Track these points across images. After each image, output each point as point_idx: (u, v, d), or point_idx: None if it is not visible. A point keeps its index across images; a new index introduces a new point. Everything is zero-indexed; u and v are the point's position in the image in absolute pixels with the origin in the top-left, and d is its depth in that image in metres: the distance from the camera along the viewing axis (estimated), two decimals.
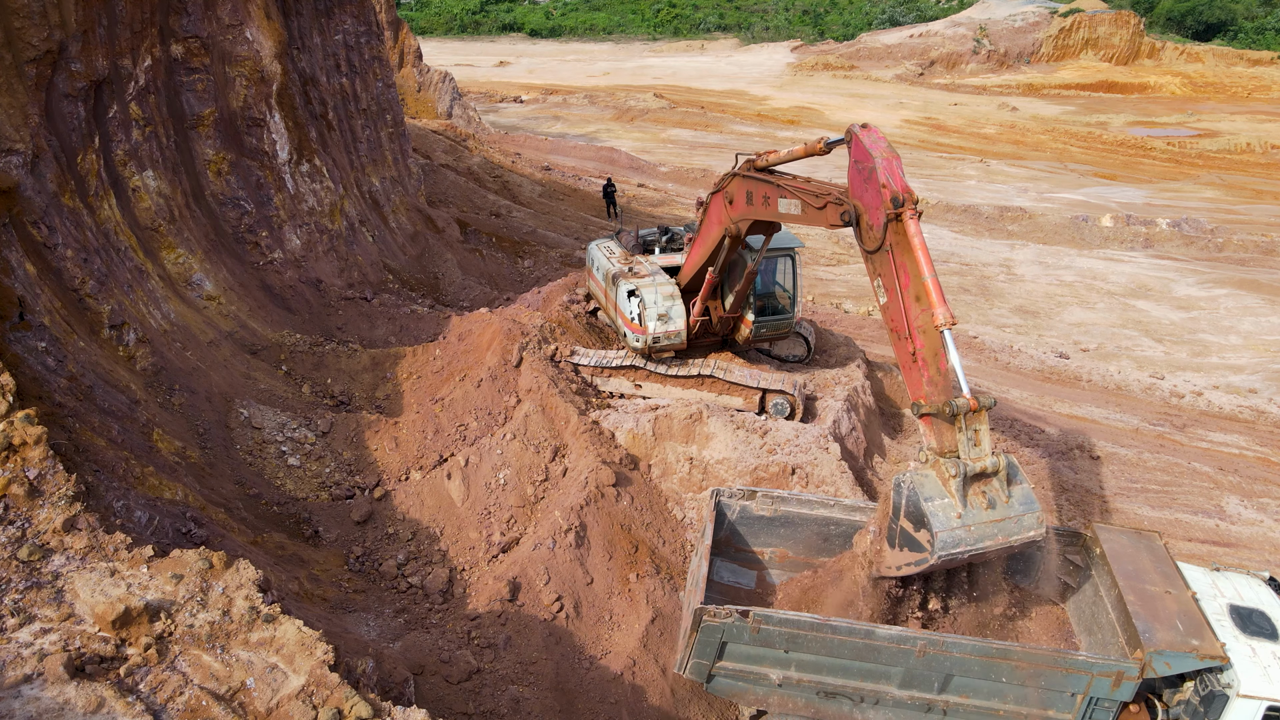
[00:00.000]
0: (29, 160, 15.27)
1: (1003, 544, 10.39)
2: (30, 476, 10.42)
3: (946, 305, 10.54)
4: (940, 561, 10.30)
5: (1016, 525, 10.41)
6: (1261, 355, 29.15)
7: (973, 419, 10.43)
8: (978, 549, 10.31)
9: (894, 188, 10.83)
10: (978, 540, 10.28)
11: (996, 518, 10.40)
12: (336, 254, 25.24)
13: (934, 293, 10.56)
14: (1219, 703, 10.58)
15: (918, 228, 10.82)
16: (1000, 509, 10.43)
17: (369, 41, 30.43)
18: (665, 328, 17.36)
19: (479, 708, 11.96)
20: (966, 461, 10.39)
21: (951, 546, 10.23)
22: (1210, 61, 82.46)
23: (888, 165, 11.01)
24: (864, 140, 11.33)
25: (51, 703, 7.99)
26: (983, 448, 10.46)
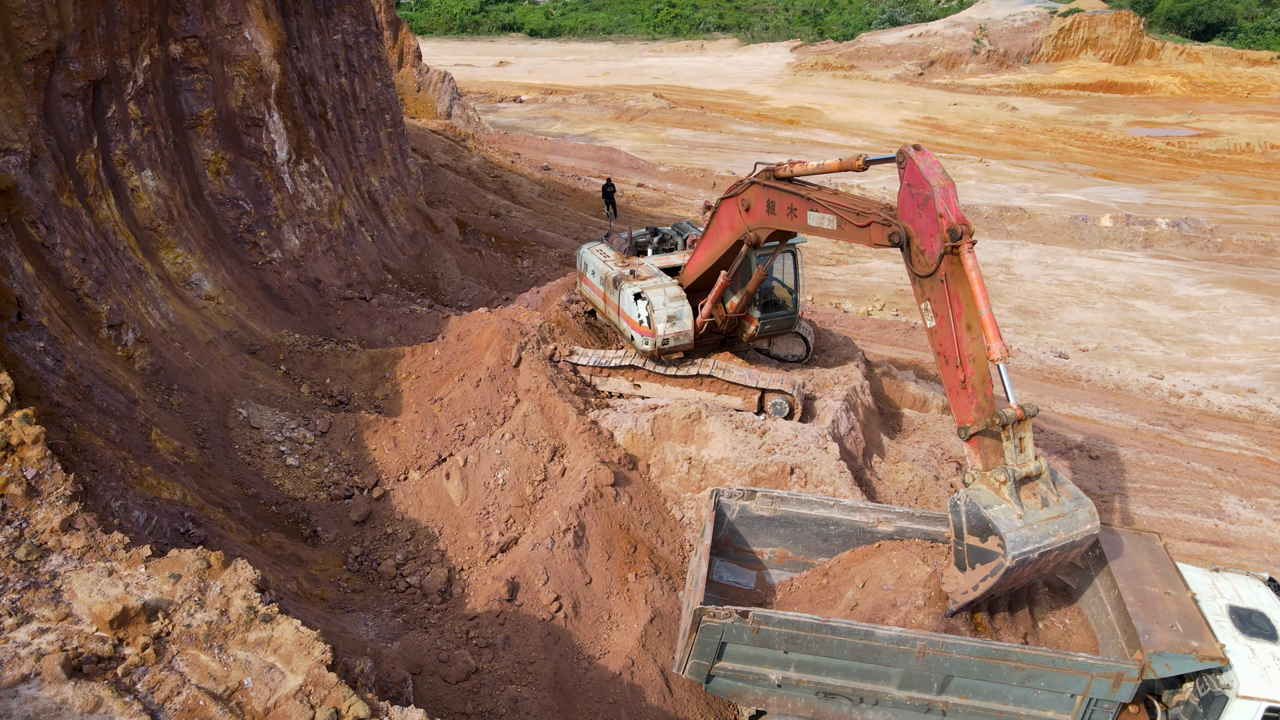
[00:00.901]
0: (27, 160, 15.25)
1: (1066, 540, 10.65)
2: (28, 476, 10.41)
3: (1002, 340, 10.81)
4: (1014, 563, 10.49)
5: (1073, 520, 10.75)
6: (1261, 355, 29.14)
7: (1019, 428, 10.82)
8: (1045, 546, 10.56)
9: (951, 219, 10.89)
10: (1044, 538, 10.57)
11: (1054, 514, 10.75)
12: (335, 254, 25.22)
13: (990, 327, 10.79)
14: (1218, 704, 10.58)
15: (975, 261, 10.95)
16: (1054, 506, 10.82)
17: (368, 41, 30.42)
18: (674, 329, 17.34)
19: (477, 707, 11.95)
20: (1014, 467, 10.74)
21: (1021, 546, 10.46)
22: (1210, 61, 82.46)
23: (945, 194, 11.04)
24: (920, 165, 11.27)
25: (49, 702, 7.97)
26: (1027, 453, 10.89)
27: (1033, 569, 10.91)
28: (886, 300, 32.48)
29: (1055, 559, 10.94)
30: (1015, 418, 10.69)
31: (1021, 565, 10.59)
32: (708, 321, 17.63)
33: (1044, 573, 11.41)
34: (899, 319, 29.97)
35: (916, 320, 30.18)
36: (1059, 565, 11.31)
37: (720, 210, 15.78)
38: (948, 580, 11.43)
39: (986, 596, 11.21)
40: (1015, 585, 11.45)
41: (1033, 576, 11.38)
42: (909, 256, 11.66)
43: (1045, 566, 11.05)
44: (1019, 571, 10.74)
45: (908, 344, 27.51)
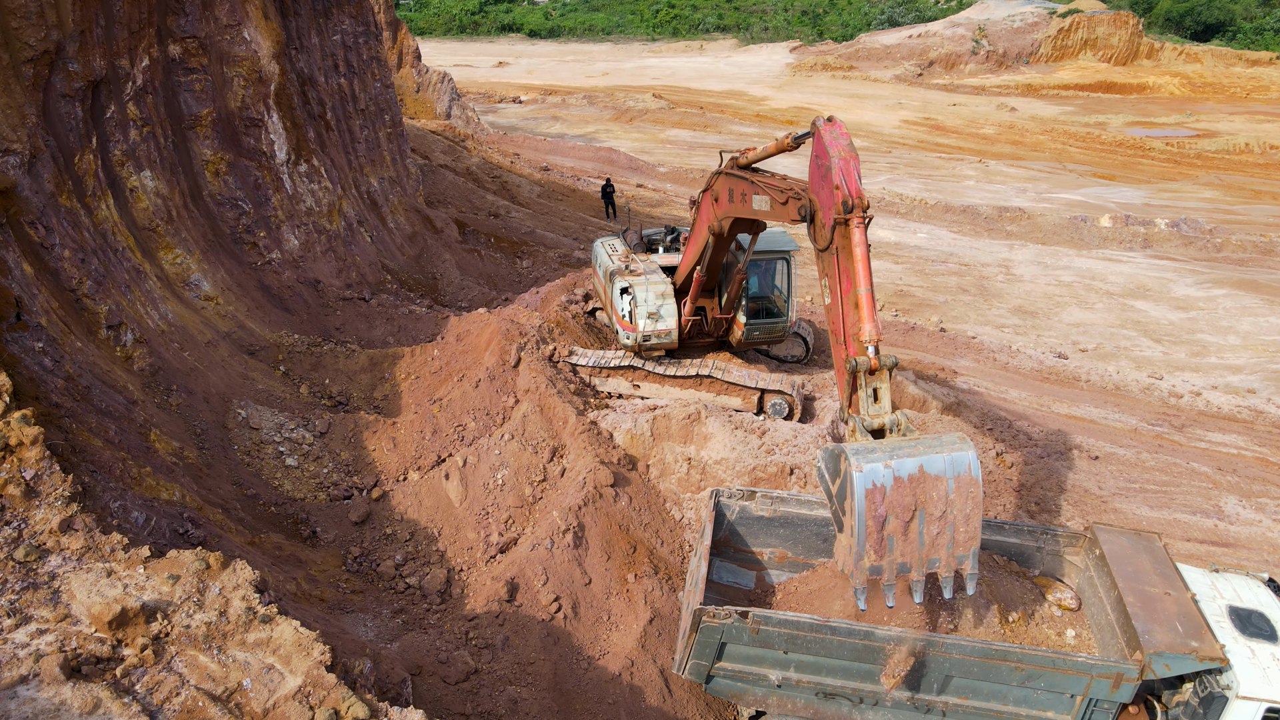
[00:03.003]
0: (26, 160, 15.24)
1: (925, 454, 9.75)
2: (27, 477, 10.40)
3: (875, 323, 10.53)
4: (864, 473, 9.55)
5: (936, 442, 9.91)
6: (1260, 355, 29.15)
7: (872, 378, 10.50)
8: (900, 458, 9.70)
9: (846, 190, 10.67)
10: (894, 451, 9.74)
11: (912, 439, 10.02)
12: (335, 254, 25.21)
13: (866, 307, 10.54)
14: (1218, 704, 10.57)
15: (863, 236, 10.69)
16: (912, 437, 10.15)
17: (367, 42, 30.41)
18: (655, 326, 17.42)
19: (477, 708, 11.94)
20: (865, 417, 10.42)
21: (867, 454, 9.69)
22: (1209, 62, 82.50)
23: (844, 166, 10.82)
24: (825, 136, 11.14)
25: (47, 703, 7.96)
26: (883, 404, 10.51)
27: (905, 492, 9.70)
28: (886, 300, 32.49)
29: (931, 483, 9.77)
30: (869, 367, 10.38)
31: (877, 480, 9.61)
32: (692, 321, 17.64)
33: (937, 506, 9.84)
34: (898, 319, 29.97)
35: (916, 320, 30.20)
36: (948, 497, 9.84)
37: (701, 205, 15.86)
38: (838, 555, 10.47)
39: (878, 546, 9.88)
40: (906, 518, 9.91)
41: (917, 504, 9.83)
42: (812, 232, 11.50)
43: (924, 490, 9.76)
44: (884, 493, 9.63)
45: (907, 344, 27.51)
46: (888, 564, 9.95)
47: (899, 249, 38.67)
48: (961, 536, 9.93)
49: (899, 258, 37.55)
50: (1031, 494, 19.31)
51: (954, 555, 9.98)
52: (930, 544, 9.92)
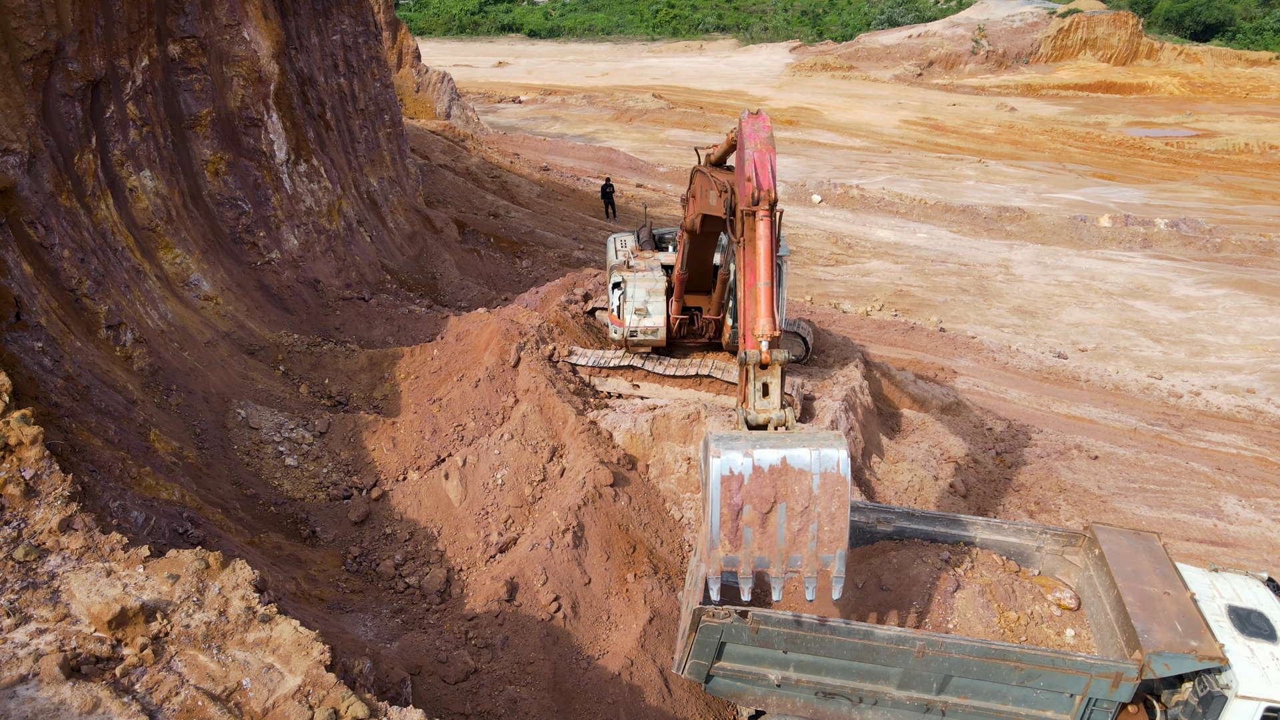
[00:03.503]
0: (26, 160, 15.24)
1: (792, 448, 9.41)
2: (26, 476, 10.40)
3: (771, 318, 10.36)
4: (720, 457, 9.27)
5: (810, 437, 9.56)
6: (1259, 355, 29.16)
7: (763, 372, 10.30)
8: (762, 448, 9.43)
9: (756, 182, 10.67)
10: (759, 441, 9.47)
11: (784, 435, 9.74)
12: (334, 254, 25.21)
13: (763, 302, 10.40)
14: (1217, 704, 10.58)
15: (767, 230, 10.62)
16: (798, 432, 9.89)
17: (367, 42, 30.42)
18: (642, 322, 17.51)
19: (476, 708, 11.94)
20: (751, 411, 10.22)
21: (729, 442, 9.50)
22: (1208, 62, 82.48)
23: (757, 158, 10.80)
24: (745, 129, 11.19)
25: (47, 703, 7.96)
26: (771, 399, 10.28)
27: (764, 483, 9.39)
28: (885, 300, 32.49)
29: (794, 477, 9.41)
30: (759, 361, 10.18)
31: (735, 468, 9.32)
32: (681, 320, 17.67)
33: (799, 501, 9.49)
34: (898, 319, 29.98)
35: (916, 320, 30.21)
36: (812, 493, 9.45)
37: (688, 204, 15.93)
38: (698, 545, 9.97)
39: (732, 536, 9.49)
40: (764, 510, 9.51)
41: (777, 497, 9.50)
42: (729, 224, 11.50)
43: (785, 484, 9.40)
44: (741, 482, 9.32)
45: (907, 344, 27.51)
46: (744, 556, 9.68)
47: (899, 249, 38.67)
48: (826, 536, 9.58)
49: (898, 258, 37.56)
50: (1031, 494, 19.33)
51: (818, 555, 9.64)
52: (791, 540, 9.59)
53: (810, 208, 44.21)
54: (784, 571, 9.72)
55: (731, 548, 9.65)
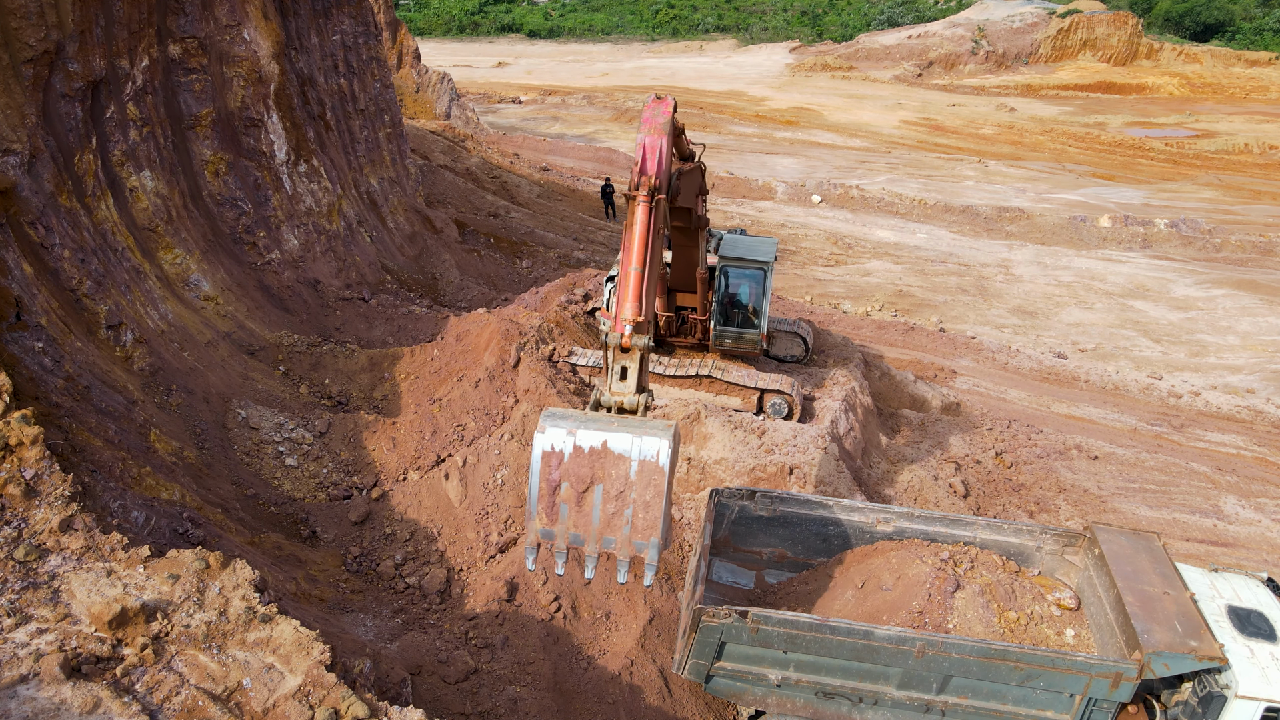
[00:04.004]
0: (26, 160, 15.25)
1: (614, 434, 9.46)
2: (27, 477, 10.40)
3: (636, 303, 10.41)
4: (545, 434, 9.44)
5: (639, 424, 9.62)
6: (1259, 355, 29.17)
7: (623, 356, 10.37)
8: (587, 430, 9.50)
9: (640, 167, 10.76)
10: (587, 424, 9.55)
11: (614, 419, 9.80)
12: (334, 254, 25.22)
13: (629, 288, 10.47)
14: (1217, 704, 10.58)
15: (644, 216, 10.63)
16: (635, 419, 9.89)
17: (367, 42, 30.42)
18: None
19: (476, 708, 11.95)
20: (607, 392, 10.31)
21: (558, 420, 9.62)
22: (1208, 62, 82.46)
23: (647, 143, 10.90)
24: (645, 113, 11.31)
25: (47, 703, 7.97)
26: (628, 384, 10.34)
27: (583, 463, 9.50)
28: (885, 301, 32.50)
29: (612, 460, 9.49)
30: (619, 344, 10.26)
31: (556, 445, 9.43)
32: (668, 318, 17.73)
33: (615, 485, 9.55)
34: (898, 319, 29.98)
35: (916, 321, 30.21)
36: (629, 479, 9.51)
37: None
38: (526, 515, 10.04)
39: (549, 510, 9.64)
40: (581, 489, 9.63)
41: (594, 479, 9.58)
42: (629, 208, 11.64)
43: (603, 466, 9.52)
44: (560, 459, 9.45)
45: (906, 344, 27.52)
46: (560, 531, 9.72)
47: (898, 249, 38.68)
48: (640, 523, 9.58)
49: (898, 258, 37.56)
50: (1031, 494, 19.33)
51: (631, 540, 9.64)
52: (606, 522, 9.62)
53: (810, 208, 44.22)
54: (597, 551, 9.76)
55: (548, 521, 9.74)
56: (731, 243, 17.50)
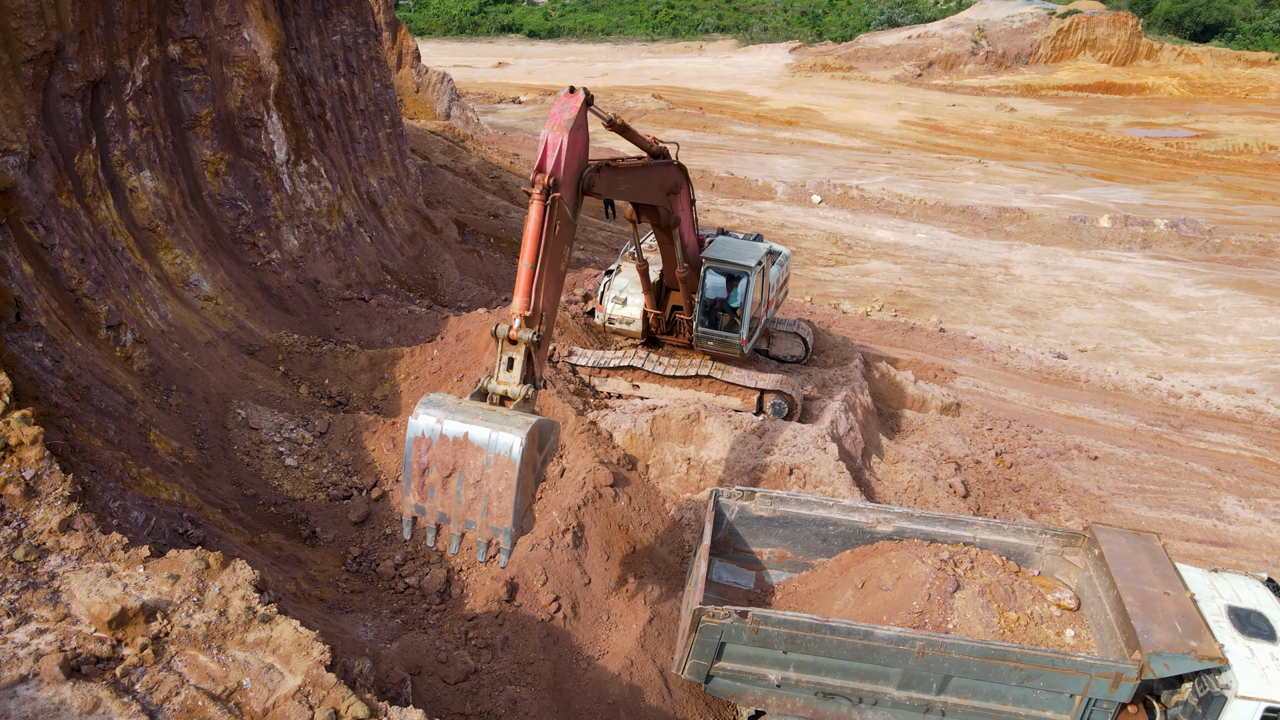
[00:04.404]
0: (26, 160, 15.24)
1: (476, 425, 9.99)
2: (26, 477, 10.40)
3: (524, 298, 10.75)
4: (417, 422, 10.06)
5: (503, 418, 10.12)
6: (1259, 355, 29.17)
7: (510, 347, 10.78)
8: (449, 433, 10.04)
9: (540, 163, 10.88)
10: (457, 414, 10.11)
11: (488, 413, 10.24)
12: (334, 254, 25.21)
13: (520, 282, 10.82)
14: (1217, 704, 10.59)
15: (537, 213, 10.80)
16: (505, 411, 10.35)
17: (367, 42, 30.41)
18: (619, 311, 18.03)
19: (476, 708, 11.94)
20: (493, 381, 10.81)
21: (434, 407, 10.19)
22: (1208, 62, 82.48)
23: (549, 139, 10.97)
24: (553, 108, 11.30)
25: (47, 703, 7.96)
26: (513, 375, 10.80)
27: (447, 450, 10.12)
28: (885, 301, 32.50)
29: (472, 451, 10.10)
30: (507, 335, 10.68)
31: (425, 432, 10.05)
32: (657, 315, 17.79)
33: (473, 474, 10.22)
34: (898, 320, 29.99)
35: (916, 321, 30.21)
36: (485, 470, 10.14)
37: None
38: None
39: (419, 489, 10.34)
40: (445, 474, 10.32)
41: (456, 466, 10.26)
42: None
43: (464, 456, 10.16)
44: (429, 445, 10.12)
45: (906, 344, 27.52)
46: (429, 508, 10.42)
47: (898, 249, 38.68)
48: (495, 510, 10.18)
49: (898, 258, 37.57)
50: (1031, 494, 19.33)
51: (489, 525, 10.28)
52: (467, 506, 10.29)
53: (810, 208, 44.22)
54: (460, 530, 10.50)
55: (419, 498, 10.51)
56: (721, 245, 17.49)
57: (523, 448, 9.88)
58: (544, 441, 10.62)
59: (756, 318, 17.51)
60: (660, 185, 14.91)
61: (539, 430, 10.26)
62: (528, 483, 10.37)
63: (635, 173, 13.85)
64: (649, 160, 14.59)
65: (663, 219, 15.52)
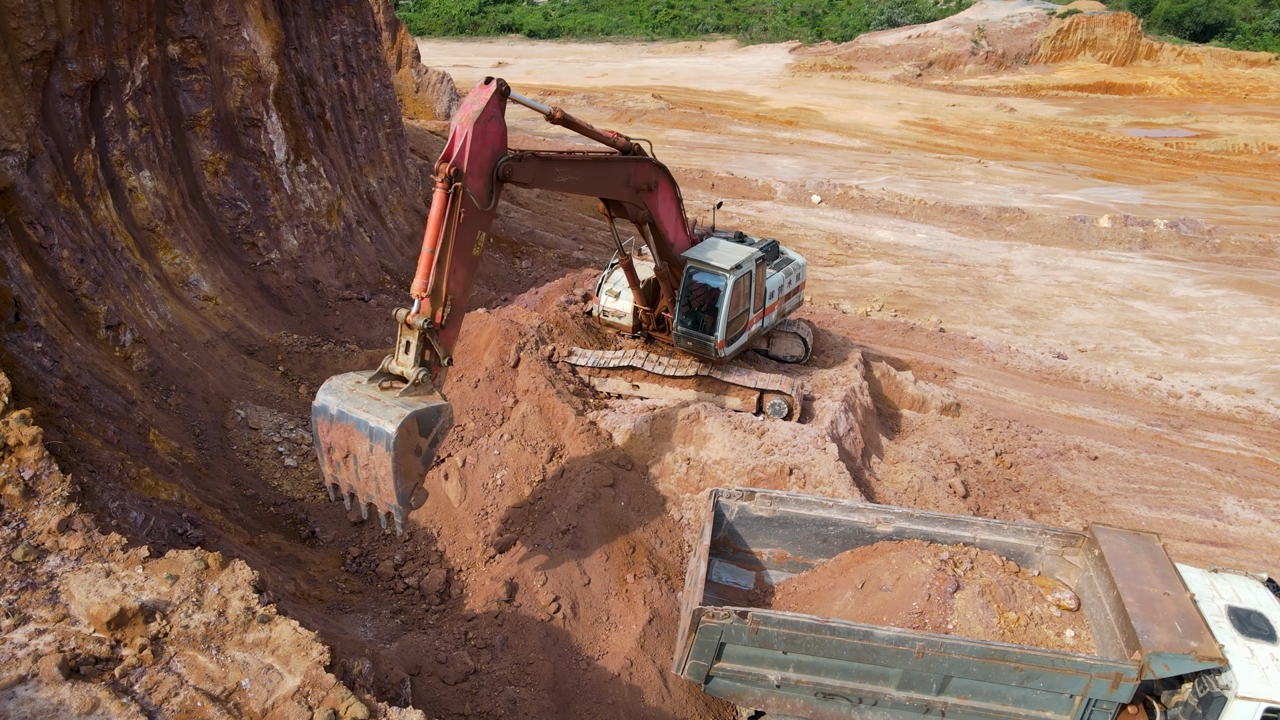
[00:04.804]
0: (25, 160, 15.24)
1: (360, 414, 10.85)
2: (25, 477, 10.39)
3: (421, 280, 11.30)
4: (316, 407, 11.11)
5: (383, 409, 10.87)
6: (1259, 356, 29.17)
7: (406, 331, 11.43)
8: (341, 420, 10.97)
9: (445, 153, 11.34)
10: (348, 401, 11.00)
11: (374, 397, 11.07)
12: (334, 254, 25.20)
13: (421, 264, 11.34)
14: (1217, 704, 10.58)
15: (439, 200, 11.23)
16: (387, 397, 11.10)
17: (366, 42, 30.41)
18: (612, 304, 18.39)
19: (476, 708, 11.93)
20: (394, 363, 11.51)
21: (332, 392, 11.12)
22: (1208, 62, 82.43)
23: (456, 129, 11.44)
24: (465, 99, 11.77)
25: (46, 704, 7.95)
26: (409, 357, 11.46)
27: (339, 434, 11.12)
28: (885, 301, 32.49)
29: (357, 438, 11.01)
30: (404, 319, 11.35)
31: (324, 415, 11.08)
32: (647, 312, 17.84)
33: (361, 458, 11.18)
34: (898, 320, 29.97)
35: (915, 321, 30.21)
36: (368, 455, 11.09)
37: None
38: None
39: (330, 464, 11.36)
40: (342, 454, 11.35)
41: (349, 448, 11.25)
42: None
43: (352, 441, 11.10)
44: (327, 427, 11.14)
45: (906, 345, 27.51)
46: (342, 480, 11.50)
47: (898, 249, 38.67)
48: (383, 490, 11.18)
49: (898, 258, 37.56)
50: (1031, 494, 19.32)
51: (384, 500, 11.28)
52: (364, 482, 11.34)
53: (810, 208, 44.21)
54: (366, 501, 11.50)
55: (332, 470, 11.58)
56: (706, 246, 17.44)
57: (395, 440, 10.65)
58: (427, 427, 11.19)
59: (740, 322, 17.31)
60: (622, 180, 14.92)
61: (416, 420, 10.93)
62: (409, 468, 11.14)
63: (580, 165, 14.03)
64: (600, 153, 14.58)
65: (630, 214, 15.73)
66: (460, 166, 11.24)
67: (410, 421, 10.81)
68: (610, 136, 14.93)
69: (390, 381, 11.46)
